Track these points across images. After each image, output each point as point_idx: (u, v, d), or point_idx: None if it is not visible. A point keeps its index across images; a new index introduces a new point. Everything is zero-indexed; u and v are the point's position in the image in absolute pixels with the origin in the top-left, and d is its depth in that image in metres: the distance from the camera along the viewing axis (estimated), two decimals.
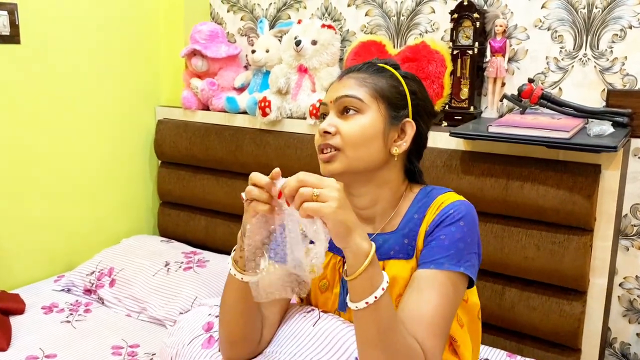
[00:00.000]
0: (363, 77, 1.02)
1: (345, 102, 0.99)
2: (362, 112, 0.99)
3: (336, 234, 0.81)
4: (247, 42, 2.20)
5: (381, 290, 0.83)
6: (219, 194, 2.11)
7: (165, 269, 1.88)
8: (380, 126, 0.99)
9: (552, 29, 1.62)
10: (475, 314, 1.09)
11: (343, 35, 1.95)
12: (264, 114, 1.91)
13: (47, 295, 1.86)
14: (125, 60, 2.16)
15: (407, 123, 1.02)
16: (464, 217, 0.96)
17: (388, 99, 1.00)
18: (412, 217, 1.02)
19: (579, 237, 1.45)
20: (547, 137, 1.39)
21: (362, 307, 0.83)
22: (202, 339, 1.16)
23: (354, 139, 0.97)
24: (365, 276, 0.82)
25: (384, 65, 1.05)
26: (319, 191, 0.79)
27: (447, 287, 0.93)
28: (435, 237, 0.96)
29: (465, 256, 0.95)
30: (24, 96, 1.87)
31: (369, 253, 0.82)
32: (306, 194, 0.79)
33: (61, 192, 2.02)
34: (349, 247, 0.82)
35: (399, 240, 1.01)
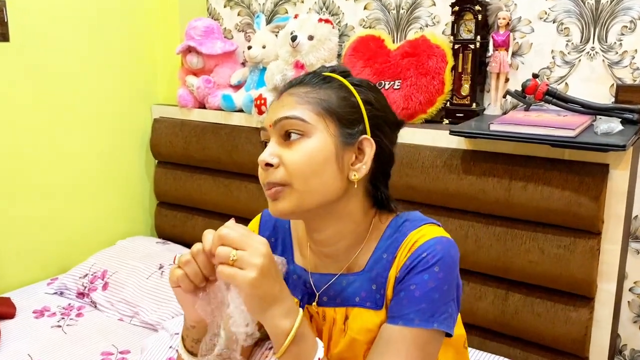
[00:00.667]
0: (305, 92, 0.84)
1: (285, 126, 0.81)
2: (307, 135, 0.81)
3: (250, 307, 0.72)
4: (244, 37, 2.15)
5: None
6: (215, 194, 2.06)
7: (159, 271, 1.83)
8: (332, 149, 0.81)
9: (557, 21, 1.54)
10: (461, 346, 0.97)
11: (341, 29, 1.89)
12: (260, 112, 1.85)
13: (39, 299, 1.82)
14: (119, 57, 2.11)
15: (364, 141, 0.84)
16: (440, 260, 0.81)
17: (337, 115, 0.83)
18: (381, 257, 0.86)
19: (585, 241, 1.38)
20: (552, 136, 1.32)
21: None
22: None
23: (301, 169, 0.80)
24: (289, 356, 0.74)
25: (330, 74, 0.88)
26: (238, 255, 0.70)
27: (418, 347, 0.80)
28: (404, 286, 0.82)
29: (440, 308, 0.81)
30: (15, 96, 1.82)
31: (289, 332, 0.73)
32: (222, 255, 0.70)
33: (56, 193, 1.98)
34: (266, 324, 0.74)
35: (366, 284, 0.87)
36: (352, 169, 0.84)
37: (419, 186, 1.56)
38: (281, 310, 0.73)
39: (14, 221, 1.87)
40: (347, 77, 0.88)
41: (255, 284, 0.70)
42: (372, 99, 0.87)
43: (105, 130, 2.10)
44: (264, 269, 0.71)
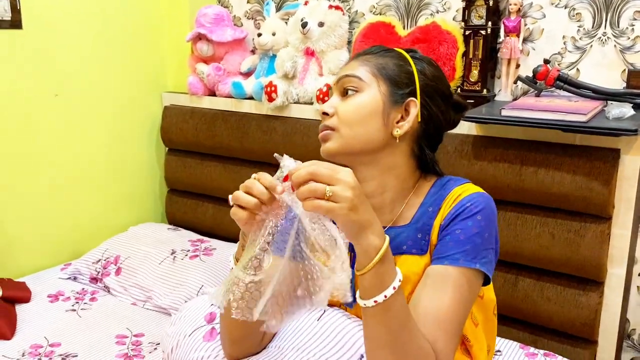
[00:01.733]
0: (367, 58, 0.98)
1: (344, 83, 0.96)
2: (360, 90, 0.94)
3: (346, 233, 0.76)
4: (254, 25, 2.15)
5: (392, 289, 0.78)
6: (226, 181, 2.08)
7: (171, 257, 1.85)
8: (379, 104, 0.93)
9: (569, 6, 1.54)
10: (491, 311, 1.04)
11: (351, 16, 1.89)
12: (270, 99, 1.86)
13: (53, 284, 1.85)
14: (129, 46, 2.12)
15: (410, 102, 0.95)
16: (482, 210, 0.90)
17: (389, 77, 0.95)
18: (427, 210, 0.96)
19: (596, 225, 1.39)
20: (563, 121, 1.33)
21: (371, 305, 0.78)
22: (204, 331, 1.12)
23: (349, 117, 0.93)
24: (375, 273, 0.77)
25: (393, 49, 1.00)
26: (332, 190, 0.73)
27: (462, 285, 0.88)
28: (450, 231, 0.91)
29: (481, 252, 0.89)
30: (27, 82, 1.84)
31: (380, 248, 0.77)
32: (319, 191, 0.73)
33: (68, 181, 2.00)
34: (359, 244, 0.77)
35: (412, 234, 0.95)
36: (396, 125, 0.94)
37: None
38: (373, 231, 0.77)
39: (26, 208, 1.89)
40: (410, 52, 1.00)
41: (351, 215, 0.74)
42: (427, 70, 0.98)
43: (116, 117, 2.12)
44: (355, 200, 0.74)
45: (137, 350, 1.51)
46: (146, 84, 2.20)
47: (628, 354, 1.60)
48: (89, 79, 2.01)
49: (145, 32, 2.17)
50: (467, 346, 0.99)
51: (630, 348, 1.60)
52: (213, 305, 1.16)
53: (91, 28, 1.99)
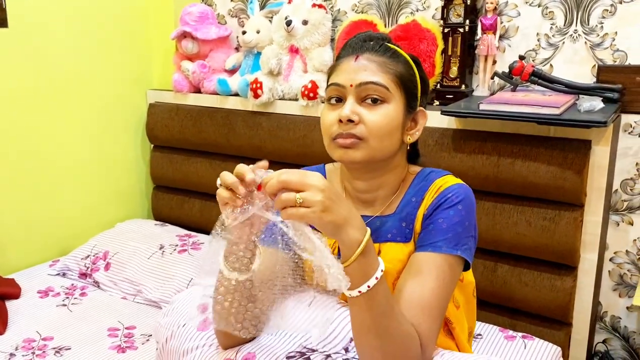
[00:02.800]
0: (384, 62, 0.97)
1: (370, 90, 0.95)
2: (387, 101, 0.95)
3: (325, 232, 0.79)
4: (238, 23, 2.19)
5: (374, 279, 0.81)
6: (212, 177, 2.08)
7: (160, 251, 1.88)
8: (402, 116, 0.98)
9: (542, 5, 1.61)
10: (471, 292, 1.10)
11: (334, 14, 1.94)
12: (256, 96, 1.90)
13: (42, 280, 1.86)
14: (114, 43, 2.14)
15: (420, 112, 1.01)
16: (462, 200, 0.96)
17: (406, 87, 0.98)
18: (410, 201, 1.01)
19: (569, 213, 1.47)
20: (538, 114, 1.40)
21: (356, 295, 0.82)
22: (197, 321, 1.15)
23: (380, 130, 0.94)
24: (358, 265, 0.80)
25: (396, 47, 1.02)
26: (303, 196, 0.76)
27: (444, 270, 0.93)
28: (433, 220, 0.96)
29: (462, 240, 0.95)
30: (13, 80, 1.85)
31: (361, 242, 0.80)
32: (289, 200, 0.76)
33: (54, 178, 2.01)
34: (341, 240, 0.81)
35: (397, 223, 1.01)
36: (407, 133, 1.00)
37: None
38: (352, 226, 0.80)
39: (14, 205, 1.91)
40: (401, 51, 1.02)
41: (324, 217, 0.77)
42: (425, 76, 1.04)
43: (101, 115, 2.14)
44: (327, 202, 0.77)
45: (129, 342, 1.54)
46: (131, 82, 2.22)
47: (601, 335, 1.69)
48: (75, 76, 2.02)
49: (130, 30, 2.19)
50: (449, 328, 1.05)
51: (602, 330, 1.69)
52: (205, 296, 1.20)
53: (76, 26, 2.00)
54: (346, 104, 0.95)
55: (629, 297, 1.63)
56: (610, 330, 1.68)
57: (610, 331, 1.68)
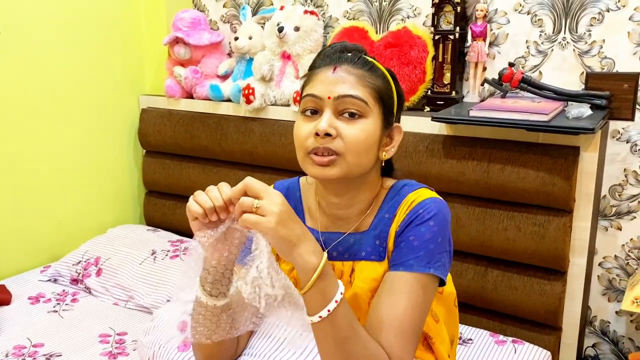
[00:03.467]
0: (362, 75, 0.93)
1: (347, 103, 0.90)
2: (366, 116, 0.91)
3: (278, 250, 0.79)
4: (230, 29, 2.20)
5: (334, 303, 0.80)
6: (204, 183, 2.08)
7: (151, 257, 1.88)
8: (379, 132, 0.94)
9: (531, 12, 1.63)
10: (452, 303, 1.08)
11: (326, 21, 1.95)
12: (248, 102, 1.91)
13: (33, 286, 1.86)
14: (107, 49, 2.14)
15: (396, 128, 0.98)
16: (434, 216, 0.93)
17: (384, 103, 0.94)
18: (383, 217, 0.98)
19: (559, 218, 1.48)
20: (527, 120, 1.41)
21: (317, 320, 0.81)
22: (178, 341, 1.15)
23: (358, 146, 0.90)
24: (316, 290, 0.79)
25: (373, 61, 0.97)
26: (260, 203, 0.76)
27: (417, 290, 0.90)
28: (404, 238, 0.93)
29: (435, 256, 0.92)
30: (4, 87, 1.85)
31: (317, 267, 0.79)
32: (246, 205, 0.76)
33: (46, 182, 2.01)
34: (295, 262, 0.80)
35: (370, 241, 0.98)
36: (383, 149, 0.96)
37: (403, 170, 1.60)
38: (307, 249, 0.79)
39: (5, 210, 1.90)
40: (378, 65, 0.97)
41: (278, 228, 0.76)
42: (401, 91, 1.00)
43: (93, 120, 2.13)
44: (282, 215, 0.77)
45: (120, 348, 1.54)
46: (124, 87, 2.23)
47: (590, 339, 1.71)
48: (67, 82, 2.02)
49: (122, 35, 2.19)
50: (429, 342, 1.02)
51: (592, 334, 1.70)
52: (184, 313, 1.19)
53: (68, 32, 2.00)
54: (323, 116, 0.90)
55: (617, 302, 1.65)
56: (599, 335, 1.69)
57: (600, 335, 1.69)
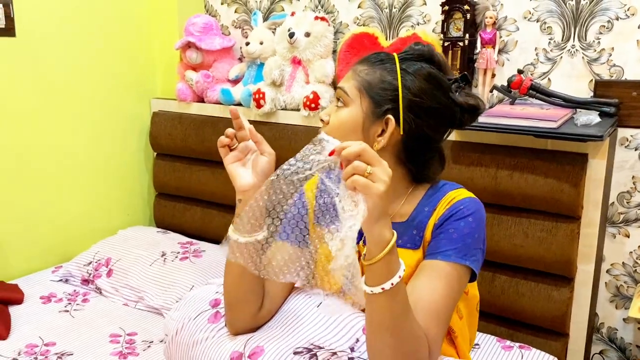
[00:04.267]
0: (361, 70, 1.03)
1: (337, 94, 1.04)
2: (346, 105, 1.01)
3: (370, 216, 0.81)
4: (241, 34, 2.22)
5: (398, 277, 0.84)
6: (214, 185, 2.13)
7: (161, 259, 1.90)
8: (359, 121, 1.00)
9: (541, 20, 1.64)
10: (474, 306, 1.12)
11: (336, 27, 1.97)
12: (258, 106, 1.93)
13: (45, 286, 1.88)
14: (119, 53, 2.17)
15: (387, 120, 1.00)
16: (474, 213, 1.00)
17: (371, 94, 1.00)
18: (423, 210, 1.04)
19: (566, 225, 1.49)
20: (536, 127, 1.42)
21: (378, 292, 0.84)
22: (209, 314, 1.17)
23: (333, 129, 1.00)
24: (384, 263, 0.83)
25: (395, 55, 1.03)
26: (372, 169, 0.80)
27: (453, 279, 0.96)
28: (444, 230, 0.99)
29: (471, 251, 0.98)
30: (19, 89, 1.88)
31: (390, 241, 0.83)
32: (360, 168, 0.80)
33: (57, 184, 2.04)
34: (372, 232, 0.83)
35: (408, 230, 1.04)
36: (376, 139, 1.01)
37: None
38: (387, 223, 0.84)
39: (18, 212, 1.93)
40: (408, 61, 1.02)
41: (383, 197, 0.80)
42: (414, 85, 1.00)
43: (105, 123, 2.16)
44: (388, 186, 0.80)
45: (131, 348, 1.56)
46: (135, 90, 2.26)
47: (597, 346, 1.71)
48: (80, 84, 2.06)
49: (135, 39, 2.22)
50: (452, 337, 1.07)
51: (599, 341, 1.70)
52: (217, 293, 1.22)
53: (82, 35, 2.04)
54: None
55: (625, 309, 1.65)
56: (606, 342, 1.70)
57: (607, 342, 1.69)
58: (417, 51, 1.05)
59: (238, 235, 0.98)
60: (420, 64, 1.03)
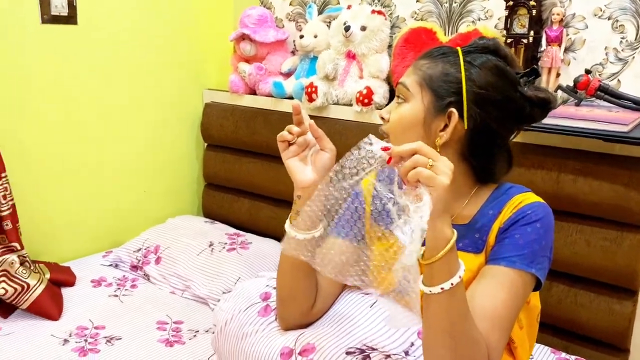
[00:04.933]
0: (423, 64, 1.00)
1: (398, 90, 1.01)
2: (407, 100, 0.99)
3: (433, 210, 0.78)
4: (295, 27, 2.21)
5: (458, 277, 0.81)
6: (263, 178, 2.13)
7: (209, 249, 1.91)
8: (420, 115, 0.97)
9: (612, 18, 1.56)
10: (535, 317, 1.07)
11: (393, 21, 1.93)
12: (310, 100, 1.91)
13: (95, 270, 1.92)
14: (175, 44, 2.19)
15: (450, 113, 0.95)
16: (542, 219, 0.94)
17: (433, 87, 0.97)
18: (487, 213, 0.99)
19: (633, 235, 1.41)
20: (605, 130, 1.35)
21: (437, 292, 0.81)
22: (259, 307, 1.16)
23: (394, 126, 0.99)
24: (444, 261, 0.80)
25: (456, 49, 1.00)
26: (433, 162, 0.78)
27: (517, 286, 0.91)
28: (509, 235, 0.94)
29: (538, 258, 0.93)
30: (78, 76, 1.92)
31: (451, 239, 0.80)
32: (421, 161, 0.78)
33: (110, 171, 2.08)
34: (433, 229, 0.80)
35: (470, 233, 0.99)
36: (438, 134, 0.96)
37: None
38: (447, 220, 0.81)
39: (71, 196, 1.98)
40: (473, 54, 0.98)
41: (447, 189, 0.77)
42: (479, 78, 0.96)
43: (158, 111, 2.19)
44: (451, 181, 0.78)
45: (177, 336, 1.57)
46: (189, 81, 2.27)
47: None
48: (136, 73, 2.09)
49: (191, 31, 2.24)
50: (511, 347, 1.02)
51: None
52: (268, 287, 1.21)
53: (140, 25, 2.07)
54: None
55: None
56: None
57: None
58: (481, 44, 1.01)
59: (296, 232, 0.96)
60: (486, 56, 0.99)
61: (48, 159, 1.90)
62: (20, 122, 1.81)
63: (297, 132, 0.98)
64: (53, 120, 1.89)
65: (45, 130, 1.87)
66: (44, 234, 1.92)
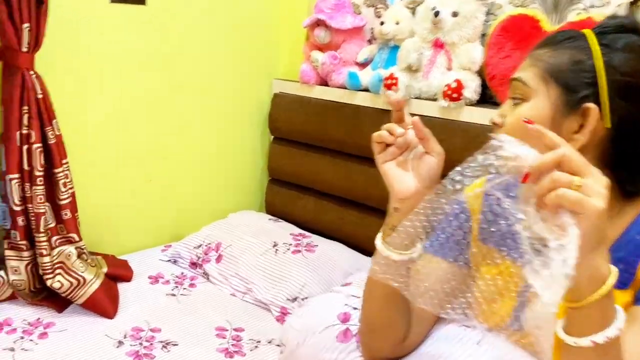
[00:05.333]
0: (543, 53, 0.82)
1: (513, 87, 0.84)
2: (526, 99, 0.81)
3: (584, 243, 0.60)
4: (374, 13, 2.03)
5: (616, 330, 0.64)
6: (332, 175, 1.98)
7: (273, 249, 1.78)
8: (547, 115, 0.78)
9: None
10: None
11: (488, 7, 1.72)
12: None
13: (153, 265, 1.83)
14: (245, 29, 2.07)
15: (584, 109, 0.77)
16: None
17: (562, 79, 0.78)
18: (633, 238, 0.80)
19: None
20: None
21: (586, 345, 0.64)
22: (337, 330, 1.03)
23: (511, 134, 0.76)
24: (598, 307, 0.63)
25: (583, 32, 0.81)
26: (582, 181, 0.60)
27: None
28: None
29: None
30: (144, 59, 1.83)
31: (607, 279, 0.63)
32: (564, 180, 0.60)
33: (172, 161, 1.98)
34: (586, 265, 0.62)
35: (612, 264, 0.80)
36: (572, 137, 0.78)
37: None
38: (604, 253, 0.63)
39: (130, 188, 1.89)
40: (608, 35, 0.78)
41: (602, 215, 0.60)
42: (622, 62, 0.77)
43: (225, 101, 2.08)
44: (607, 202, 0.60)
45: (237, 346, 1.44)
46: (258, 70, 2.15)
47: None
48: (204, 58, 1.98)
49: (262, 16, 2.11)
50: None
51: None
52: (347, 305, 1.06)
53: (210, 8, 1.95)
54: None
55: None
56: None
57: None
58: (615, 23, 0.81)
59: (391, 251, 0.80)
60: (628, 36, 0.79)
61: (110, 146, 1.81)
62: (82, 106, 1.73)
63: (400, 133, 0.81)
64: (116, 105, 1.80)
65: (107, 115, 1.79)
66: (102, 225, 1.83)
